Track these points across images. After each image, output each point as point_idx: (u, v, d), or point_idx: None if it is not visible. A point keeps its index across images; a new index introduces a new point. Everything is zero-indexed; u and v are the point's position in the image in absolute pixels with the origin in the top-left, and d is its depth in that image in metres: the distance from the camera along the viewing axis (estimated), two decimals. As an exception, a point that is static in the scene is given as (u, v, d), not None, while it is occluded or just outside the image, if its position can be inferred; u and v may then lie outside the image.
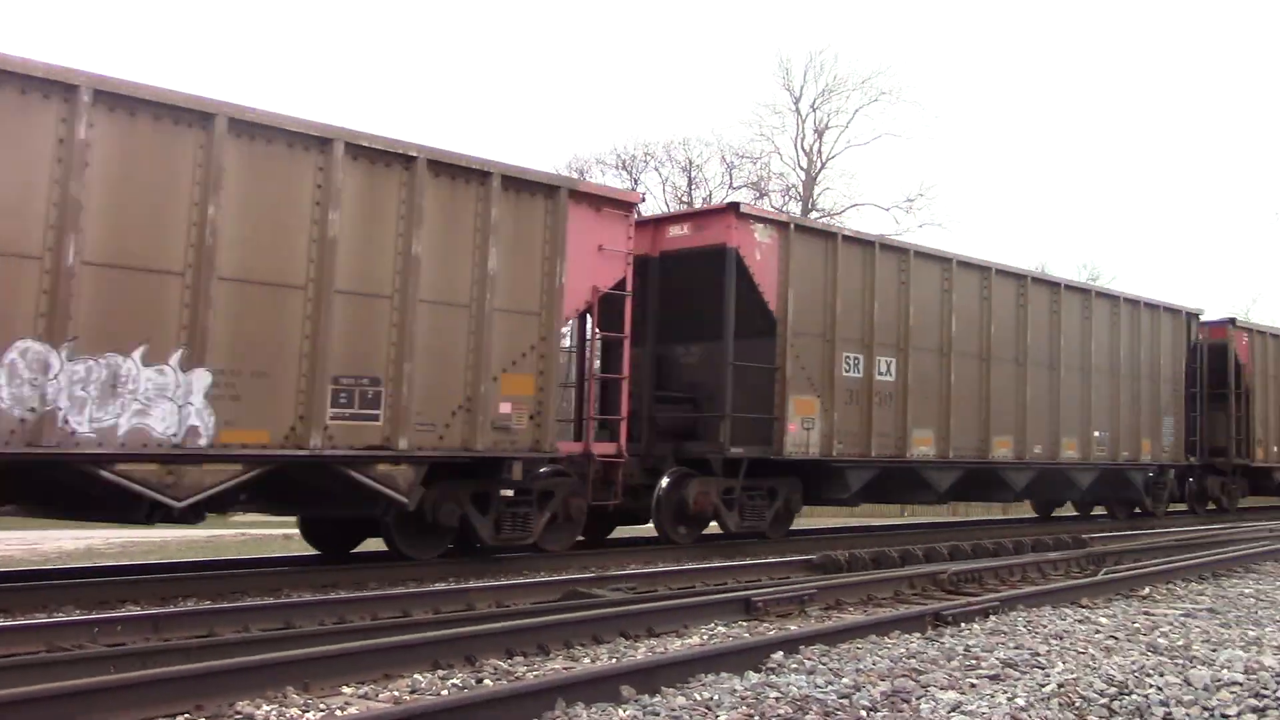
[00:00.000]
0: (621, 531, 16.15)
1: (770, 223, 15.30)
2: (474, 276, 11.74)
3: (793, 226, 15.49)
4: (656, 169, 45.05)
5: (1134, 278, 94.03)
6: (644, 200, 16.50)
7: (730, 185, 44.90)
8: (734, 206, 15.15)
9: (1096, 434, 20.34)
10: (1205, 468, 24.09)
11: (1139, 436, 21.58)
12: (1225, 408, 23.95)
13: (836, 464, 15.53)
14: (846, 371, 15.70)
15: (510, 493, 12.41)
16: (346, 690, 6.00)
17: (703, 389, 14.99)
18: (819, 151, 45.15)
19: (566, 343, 14.33)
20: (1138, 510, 22.93)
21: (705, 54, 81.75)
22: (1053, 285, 19.93)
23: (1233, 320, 25.21)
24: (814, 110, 44.98)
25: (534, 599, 9.57)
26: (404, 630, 7.40)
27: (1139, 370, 21.58)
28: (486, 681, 6.30)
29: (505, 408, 11.91)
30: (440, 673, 6.40)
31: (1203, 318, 24.07)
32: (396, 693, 6.00)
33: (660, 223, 15.95)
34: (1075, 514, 23.95)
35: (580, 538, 13.80)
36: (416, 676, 6.27)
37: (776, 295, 14.90)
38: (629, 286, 13.42)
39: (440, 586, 10.30)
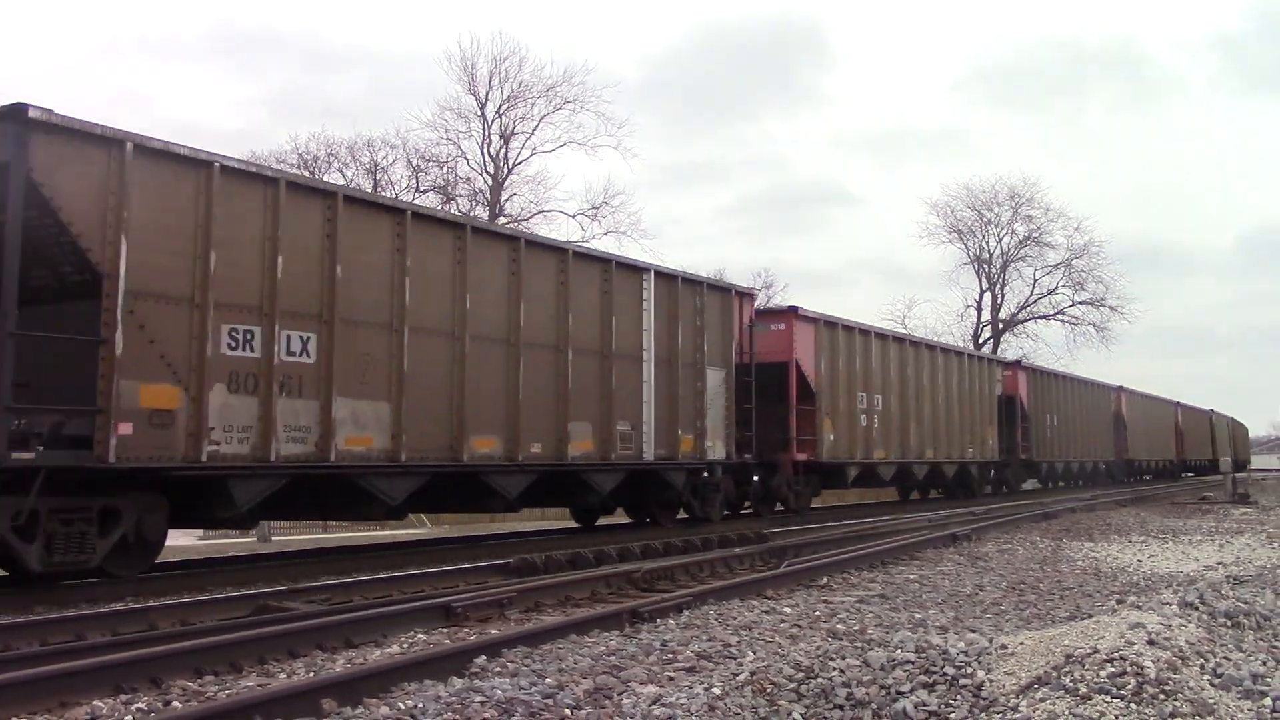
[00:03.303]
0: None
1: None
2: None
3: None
4: (340, 169, 43.90)
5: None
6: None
7: (417, 189, 44.32)
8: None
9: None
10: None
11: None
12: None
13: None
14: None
15: None
16: (17, 722, 5.56)
17: None
18: (505, 157, 45.24)
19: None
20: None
21: (387, 53, 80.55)
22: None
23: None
24: (500, 116, 45.04)
25: (222, 615, 9.15)
26: (80, 655, 6.90)
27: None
28: (175, 704, 5.98)
29: None
30: (123, 697, 6.02)
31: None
32: (74, 721, 5.60)
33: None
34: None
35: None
36: (97, 703, 5.87)
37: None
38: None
39: (117, 607, 9.66)
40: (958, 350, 32.49)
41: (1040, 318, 63.41)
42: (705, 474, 19.50)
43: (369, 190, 42.93)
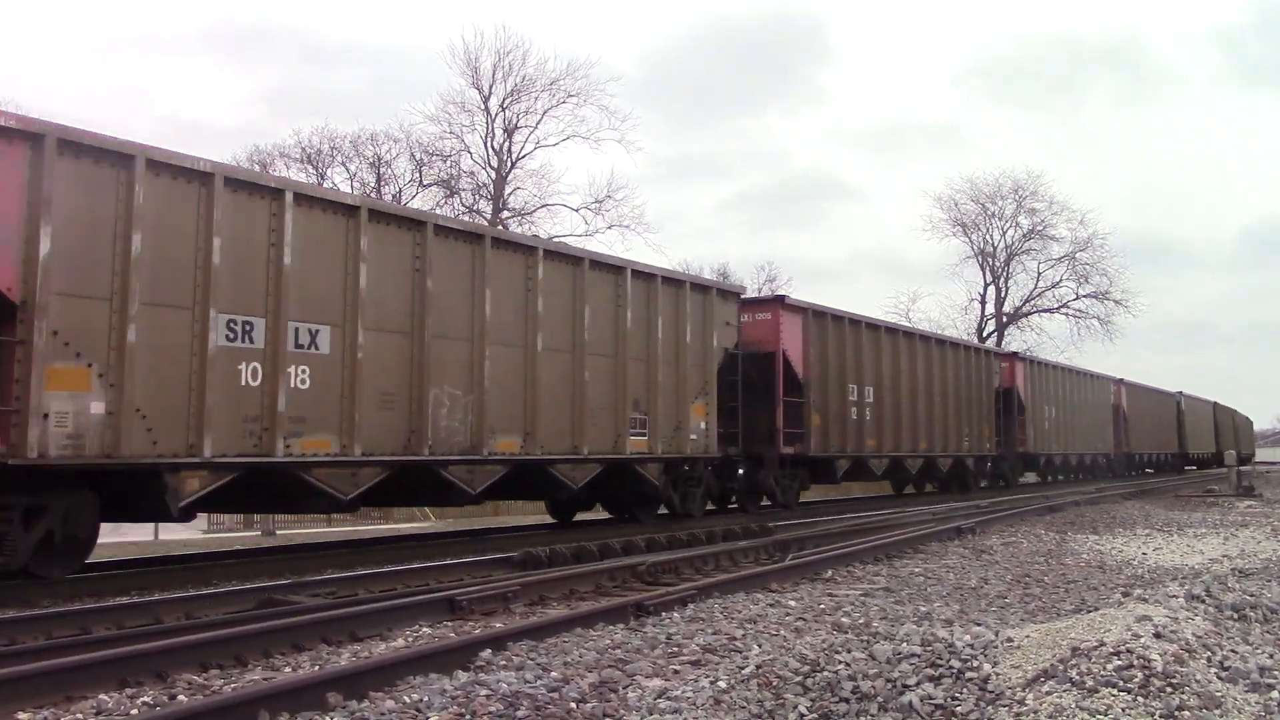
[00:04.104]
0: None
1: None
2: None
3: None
4: (344, 164, 43.91)
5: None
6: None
7: (420, 183, 44.33)
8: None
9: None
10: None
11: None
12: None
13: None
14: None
15: None
16: (23, 716, 5.55)
17: None
18: (509, 151, 45.18)
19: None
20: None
21: (389, 48, 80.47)
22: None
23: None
24: (503, 110, 44.99)
25: (227, 609, 9.16)
26: (85, 649, 6.91)
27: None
28: (180, 698, 5.97)
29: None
30: (129, 691, 6.02)
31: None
32: (80, 715, 5.60)
33: None
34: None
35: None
36: (102, 697, 5.87)
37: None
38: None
39: (123, 600, 9.68)
40: (620, 267, 17.47)
41: (1044, 311, 63.38)
42: None
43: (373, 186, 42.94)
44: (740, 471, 20.88)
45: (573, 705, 5.63)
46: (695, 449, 18.81)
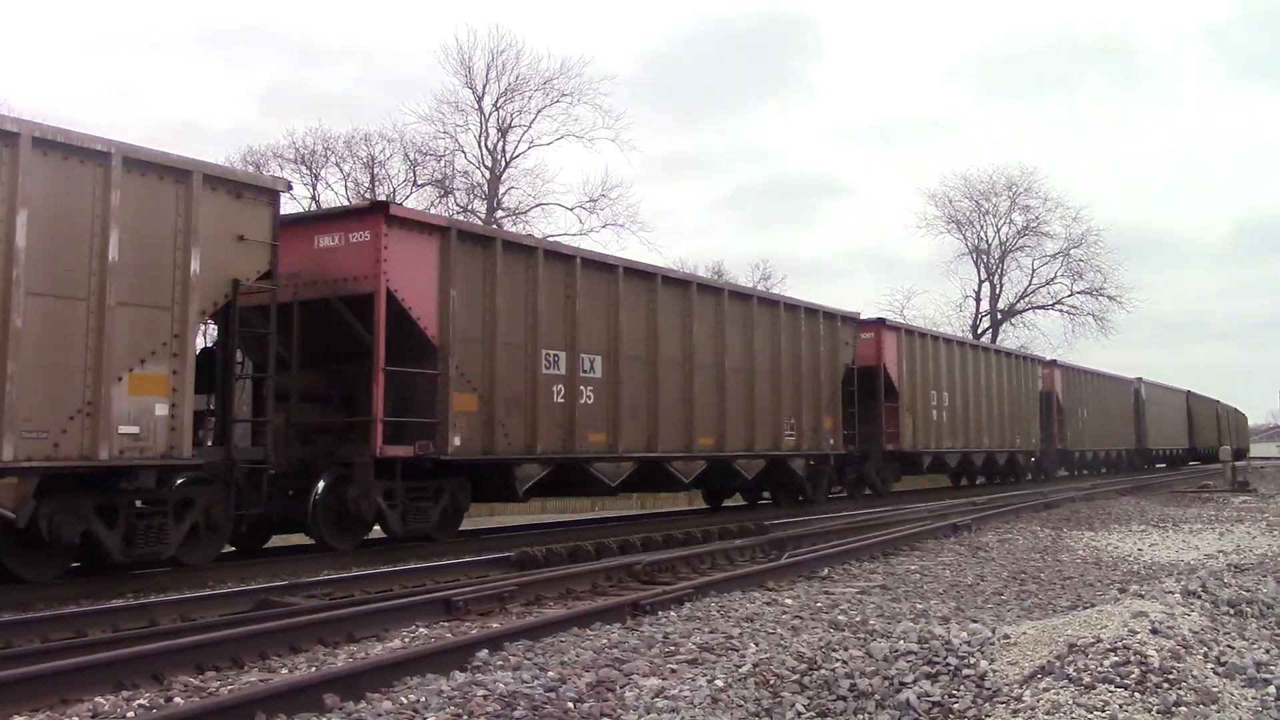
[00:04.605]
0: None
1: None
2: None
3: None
4: (338, 165, 43.76)
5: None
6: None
7: (414, 183, 44.20)
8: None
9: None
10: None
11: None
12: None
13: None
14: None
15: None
16: (19, 720, 5.55)
17: None
18: (503, 150, 45.05)
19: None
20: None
21: (382, 48, 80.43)
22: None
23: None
24: (497, 109, 44.86)
25: (223, 611, 9.14)
26: (81, 651, 6.89)
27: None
28: (177, 700, 5.96)
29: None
30: (125, 694, 6.01)
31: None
32: (76, 718, 5.59)
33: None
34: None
35: (231, 548, 13.14)
36: (99, 700, 5.86)
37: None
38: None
39: (119, 603, 9.65)
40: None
41: (1039, 308, 63.31)
42: None
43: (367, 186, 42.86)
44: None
45: (570, 705, 5.63)
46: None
